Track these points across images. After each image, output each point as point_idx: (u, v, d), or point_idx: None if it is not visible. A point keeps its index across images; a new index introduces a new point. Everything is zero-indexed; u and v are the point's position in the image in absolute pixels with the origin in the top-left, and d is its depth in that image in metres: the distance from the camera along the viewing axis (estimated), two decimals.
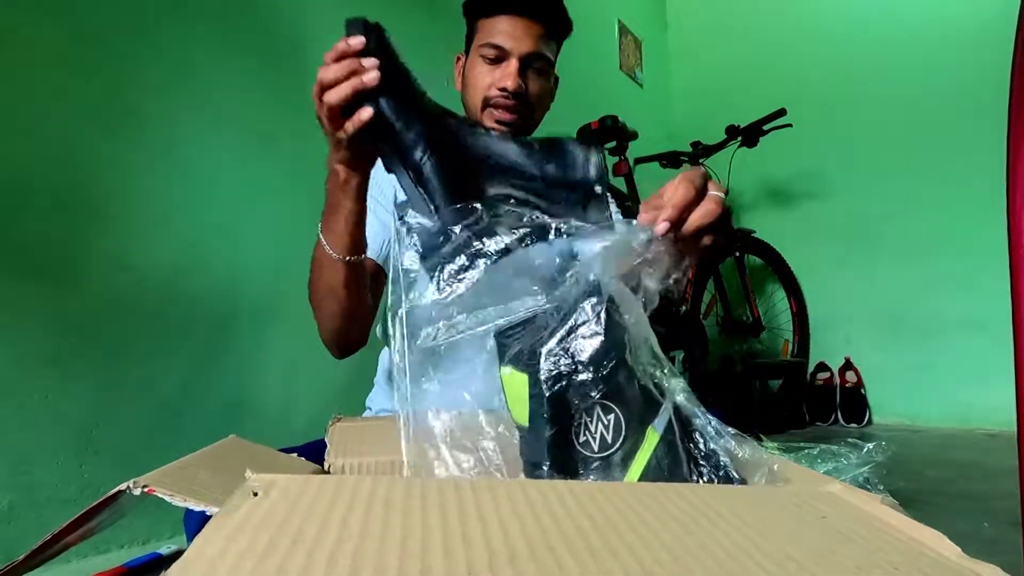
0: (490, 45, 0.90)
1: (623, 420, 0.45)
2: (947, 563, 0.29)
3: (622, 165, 2.13)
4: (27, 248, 1.03)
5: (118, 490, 0.33)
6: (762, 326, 2.66)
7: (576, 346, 0.45)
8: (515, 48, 0.89)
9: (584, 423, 0.45)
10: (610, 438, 0.45)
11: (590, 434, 0.45)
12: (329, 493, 0.28)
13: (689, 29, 3.33)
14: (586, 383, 0.45)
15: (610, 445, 0.45)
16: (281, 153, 1.42)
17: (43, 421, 1.03)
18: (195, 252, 1.25)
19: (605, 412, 0.45)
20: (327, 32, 1.64)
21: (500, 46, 0.89)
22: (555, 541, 0.26)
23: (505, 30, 0.89)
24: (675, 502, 0.34)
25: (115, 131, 1.15)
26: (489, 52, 0.90)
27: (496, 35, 0.90)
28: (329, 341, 0.83)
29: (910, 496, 1.44)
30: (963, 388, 2.45)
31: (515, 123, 0.91)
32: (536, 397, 0.45)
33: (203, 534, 0.23)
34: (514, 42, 0.89)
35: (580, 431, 0.45)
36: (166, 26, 1.24)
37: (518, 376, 0.45)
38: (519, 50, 0.89)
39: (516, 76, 0.89)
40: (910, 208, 2.59)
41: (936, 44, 2.56)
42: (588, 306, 0.45)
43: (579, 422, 0.45)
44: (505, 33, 0.89)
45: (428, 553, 0.23)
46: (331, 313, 0.78)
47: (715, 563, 0.27)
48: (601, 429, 0.45)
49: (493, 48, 0.90)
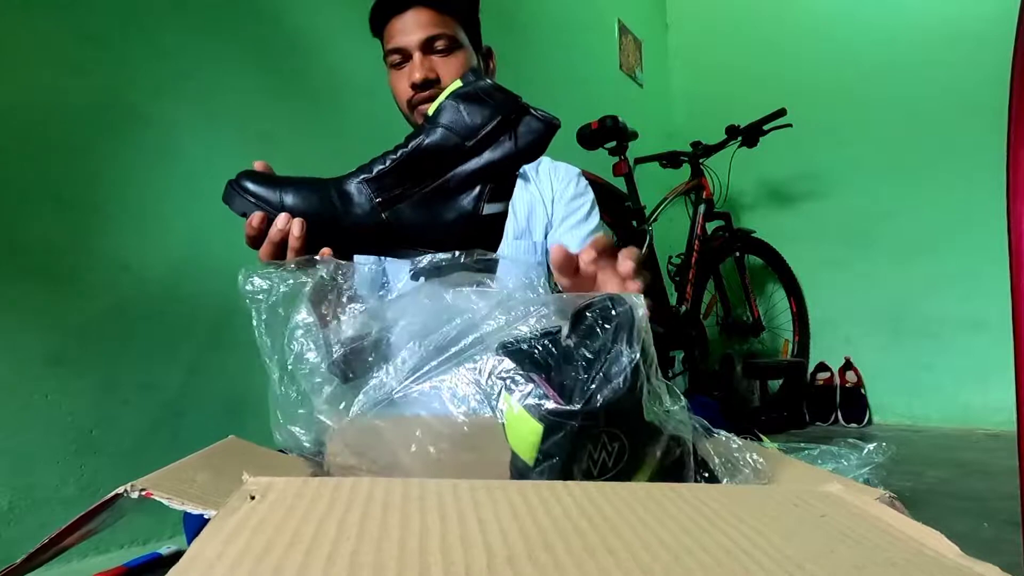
0: (390, 51, 0.91)
1: (627, 448, 0.44)
2: (946, 563, 0.29)
3: (622, 165, 2.13)
4: (27, 248, 1.03)
5: (115, 493, 0.33)
6: (762, 326, 2.66)
7: (604, 398, 0.41)
8: (409, 43, 0.90)
9: (588, 452, 0.43)
10: (611, 463, 0.44)
11: (592, 461, 0.43)
12: (327, 495, 0.28)
13: (689, 29, 3.33)
14: (601, 425, 0.43)
15: (609, 469, 0.44)
16: (281, 153, 1.42)
17: (43, 421, 1.03)
18: (195, 252, 1.25)
19: (611, 440, 0.43)
20: (327, 32, 1.65)
21: (397, 48, 0.90)
22: (553, 542, 0.26)
23: (397, 31, 0.90)
24: (674, 502, 0.34)
25: (115, 131, 1.15)
26: (394, 58, 0.91)
27: (391, 40, 0.91)
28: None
29: (910, 496, 1.44)
30: (963, 388, 2.45)
31: None
32: (549, 449, 0.42)
33: (200, 537, 0.23)
34: (407, 37, 0.89)
35: (583, 458, 0.43)
36: (166, 26, 1.24)
37: (531, 423, 0.42)
38: (413, 42, 0.90)
39: (420, 67, 0.89)
40: (910, 208, 2.59)
41: (936, 43, 2.56)
42: (626, 359, 0.42)
43: (584, 454, 0.43)
44: (397, 34, 0.90)
45: (426, 554, 0.23)
46: None
47: (714, 563, 0.27)
48: (603, 456, 0.43)
49: (394, 53, 0.91)
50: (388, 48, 0.91)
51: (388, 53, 0.92)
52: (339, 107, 1.57)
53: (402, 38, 0.89)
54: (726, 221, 2.55)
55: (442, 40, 0.90)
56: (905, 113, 2.61)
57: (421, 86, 0.90)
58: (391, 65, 0.93)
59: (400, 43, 0.90)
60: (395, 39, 0.90)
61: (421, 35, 0.89)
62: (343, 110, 1.57)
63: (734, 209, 2.86)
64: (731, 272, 2.63)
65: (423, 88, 0.90)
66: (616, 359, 0.42)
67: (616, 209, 2.04)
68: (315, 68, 1.52)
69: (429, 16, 0.89)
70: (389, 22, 0.90)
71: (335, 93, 1.56)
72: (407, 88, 0.91)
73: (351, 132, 1.58)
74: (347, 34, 1.60)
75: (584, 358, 0.42)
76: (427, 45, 0.90)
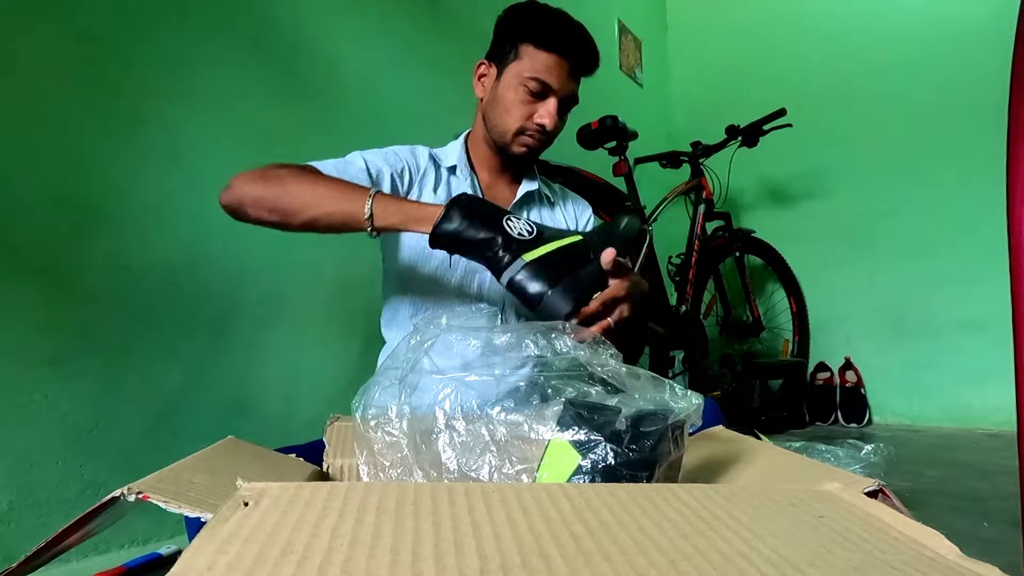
0: (537, 80, 0.91)
1: None
2: (945, 563, 0.29)
3: (622, 165, 2.13)
4: (27, 248, 1.03)
5: (113, 496, 0.33)
6: (762, 326, 2.66)
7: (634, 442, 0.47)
8: (560, 89, 0.92)
9: None
10: None
11: None
12: (320, 501, 0.28)
13: (689, 29, 3.32)
14: None
15: None
16: (281, 153, 1.41)
17: (43, 421, 1.03)
18: (195, 252, 1.25)
19: None
20: (327, 32, 1.65)
21: (547, 84, 0.92)
22: (548, 547, 0.26)
23: (555, 69, 0.91)
24: (671, 504, 0.34)
25: (115, 131, 1.15)
26: (534, 86, 0.92)
27: (544, 71, 0.91)
28: (250, 208, 0.81)
29: (910, 496, 1.44)
30: (963, 388, 2.45)
31: (537, 151, 0.97)
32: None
33: (192, 547, 0.23)
34: (560, 83, 0.92)
35: None
36: (166, 26, 1.24)
37: (573, 455, 0.47)
38: (563, 91, 0.93)
39: (555, 116, 0.93)
40: (910, 208, 2.59)
41: (936, 43, 2.55)
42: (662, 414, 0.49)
43: None
44: (553, 73, 0.91)
45: (419, 561, 0.23)
46: (286, 203, 0.78)
47: (711, 566, 0.27)
48: None
49: (539, 83, 0.92)
50: (534, 75, 0.91)
51: (529, 77, 0.92)
52: (339, 107, 1.57)
53: (557, 82, 0.92)
54: (726, 221, 2.55)
55: (574, 101, 0.97)
56: (905, 113, 2.61)
57: (546, 133, 0.95)
58: (524, 85, 0.92)
59: (553, 84, 0.92)
60: (549, 75, 0.91)
61: (571, 90, 0.94)
62: (343, 110, 1.57)
63: (734, 209, 2.86)
64: (731, 272, 2.62)
65: (544, 133, 0.94)
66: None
67: (616, 209, 2.04)
68: (315, 68, 1.52)
69: (578, 76, 0.95)
70: (548, 52, 0.91)
71: (334, 93, 1.56)
72: (529, 117, 0.93)
73: (351, 132, 1.57)
74: (347, 34, 1.60)
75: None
76: (566, 99, 0.94)
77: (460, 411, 0.54)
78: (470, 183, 0.99)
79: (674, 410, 0.48)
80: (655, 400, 0.50)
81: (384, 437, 0.54)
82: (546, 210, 1.07)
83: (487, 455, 0.51)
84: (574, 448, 0.47)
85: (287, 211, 0.78)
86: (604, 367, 0.54)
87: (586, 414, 0.49)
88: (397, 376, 0.57)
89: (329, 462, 0.62)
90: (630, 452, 0.46)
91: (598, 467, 0.46)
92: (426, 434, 0.53)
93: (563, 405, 0.51)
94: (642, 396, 0.50)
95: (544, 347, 0.56)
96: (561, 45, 0.91)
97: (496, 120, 0.96)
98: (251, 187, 0.79)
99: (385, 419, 0.55)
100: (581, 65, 0.94)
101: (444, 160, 1.01)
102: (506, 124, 0.94)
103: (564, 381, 0.53)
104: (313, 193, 0.78)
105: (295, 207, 0.77)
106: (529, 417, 0.52)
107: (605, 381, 0.53)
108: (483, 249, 0.68)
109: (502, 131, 0.95)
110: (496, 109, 0.95)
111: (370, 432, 0.55)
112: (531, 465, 0.49)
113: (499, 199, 1.02)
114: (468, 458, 0.51)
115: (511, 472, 0.50)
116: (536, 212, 1.05)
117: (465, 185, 0.99)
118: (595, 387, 0.53)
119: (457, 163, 0.99)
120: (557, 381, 0.54)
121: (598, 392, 0.52)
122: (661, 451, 0.47)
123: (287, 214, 0.78)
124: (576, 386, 0.53)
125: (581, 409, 0.49)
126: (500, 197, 1.02)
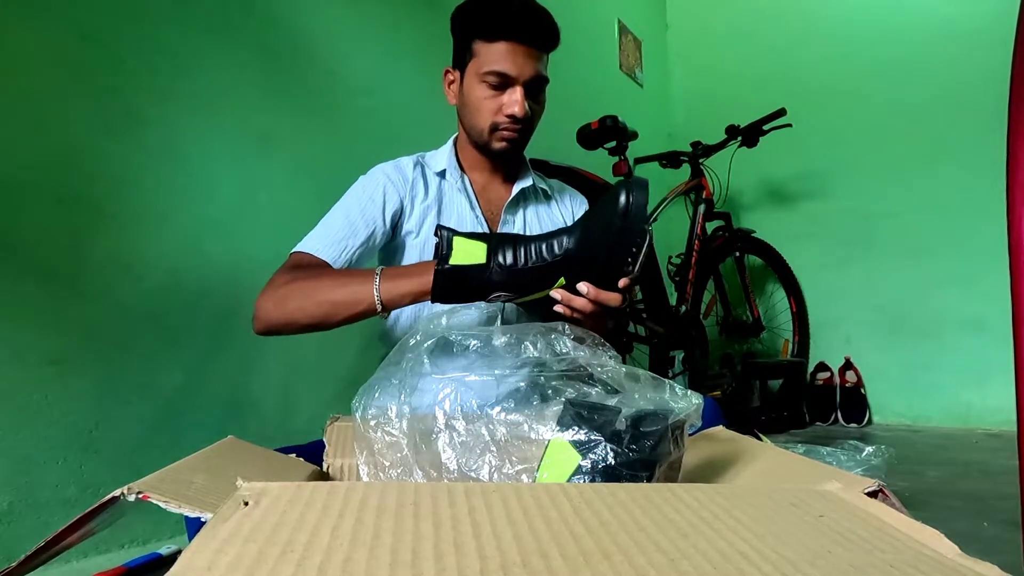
0: (494, 73, 0.90)
1: None
2: (945, 562, 0.29)
3: (622, 165, 2.13)
4: (27, 248, 1.03)
5: (113, 496, 0.33)
6: (762, 326, 2.66)
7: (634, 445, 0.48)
8: (520, 75, 0.90)
9: None
10: None
11: None
12: (320, 501, 0.28)
13: (689, 29, 3.32)
14: None
15: None
16: (281, 153, 1.42)
17: (43, 421, 1.03)
18: (195, 252, 1.25)
19: None
20: (327, 32, 1.64)
21: (505, 73, 0.90)
22: (548, 546, 0.26)
23: (508, 57, 0.89)
24: (671, 504, 0.34)
25: (115, 131, 1.15)
26: (493, 79, 0.91)
27: (499, 62, 0.90)
28: (287, 331, 0.84)
29: (910, 496, 1.44)
30: (963, 388, 2.45)
31: (518, 142, 0.96)
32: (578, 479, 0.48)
33: (192, 546, 0.23)
34: (518, 69, 0.90)
35: None
36: (166, 26, 1.24)
37: (573, 455, 0.48)
38: (524, 76, 0.90)
39: (523, 103, 0.91)
40: (910, 208, 2.59)
41: (936, 43, 2.55)
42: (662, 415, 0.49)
43: None
44: (508, 60, 0.89)
45: (419, 560, 0.23)
46: (308, 318, 0.81)
47: (711, 566, 0.27)
48: None
49: (497, 76, 0.90)
50: (490, 69, 0.90)
51: (487, 72, 0.90)
52: (338, 107, 1.57)
53: (514, 68, 0.90)
54: (726, 221, 2.55)
55: (541, 81, 0.93)
56: (905, 113, 2.61)
57: (520, 122, 0.92)
58: (484, 82, 0.91)
59: (511, 71, 0.90)
60: (504, 64, 0.90)
61: (532, 72, 0.91)
62: (342, 110, 1.57)
63: (734, 209, 2.86)
64: (731, 272, 2.62)
65: (518, 123, 0.93)
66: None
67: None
68: (315, 68, 1.52)
69: (538, 54, 0.92)
70: (497, 41, 0.90)
71: (334, 93, 1.56)
72: (498, 112, 0.92)
73: (350, 132, 1.57)
74: (346, 34, 1.60)
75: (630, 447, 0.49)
76: (531, 83, 0.92)
77: (460, 411, 0.54)
78: (461, 186, 1.00)
79: (674, 410, 0.48)
80: (655, 400, 0.50)
81: (384, 437, 0.54)
82: (543, 206, 1.07)
83: (487, 455, 0.51)
84: (574, 448, 0.47)
85: (316, 325, 0.82)
86: (604, 368, 0.54)
87: (586, 414, 0.49)
88: (397, 376, 0.57)
89: (329, 462, 0.62)
90: (630, 452, 0.46)
91: (598, 467, 0.46)
92: (426, 434, 0.53)
93: (563, 405, 0.51)
94: (642, 396, 0.50)
95: (543, 348, 0.56)
96: (507, 30, 0.89)
97: (470, 122, 0.96)
98: (276, 314, 0.82)
99: (385, 419, 0.55)
100: (535, 43, 0.91)
101: (433, 165, 1.01)
102: (479, 124, 0.94)
103: (564, 381, 0.54)
104: (330, 300, 0.80)
105: (319, 318, 0.80)
106: (529, 417, 0.52)
107: (605, 382, 0.53)
108: (486, 295, 0.72)
109: (478, 131, 0.95)
110: (467, 111, 0.96)
111: (370, 432, 0.55)
112: (531, 465, 0.49)
113: (494, 199, 1.02)
114: (468, 458, 0.51)
115: (511, 472, 0.50)
116: (533, 209, 1.05)
117: (456, 188, 0.99)
118: (595, 387, 0.53)
119: (447, 167, 1.00)
120: (557, 381, 0.54)
121: (598, 392, 0.52)
122: (661, 451, 0.47)
123: (318, 327, 0.82)
124: (576, 386, 0.53)
125: (581, 409, 0.49)
126: (495, 197, 1.02)
